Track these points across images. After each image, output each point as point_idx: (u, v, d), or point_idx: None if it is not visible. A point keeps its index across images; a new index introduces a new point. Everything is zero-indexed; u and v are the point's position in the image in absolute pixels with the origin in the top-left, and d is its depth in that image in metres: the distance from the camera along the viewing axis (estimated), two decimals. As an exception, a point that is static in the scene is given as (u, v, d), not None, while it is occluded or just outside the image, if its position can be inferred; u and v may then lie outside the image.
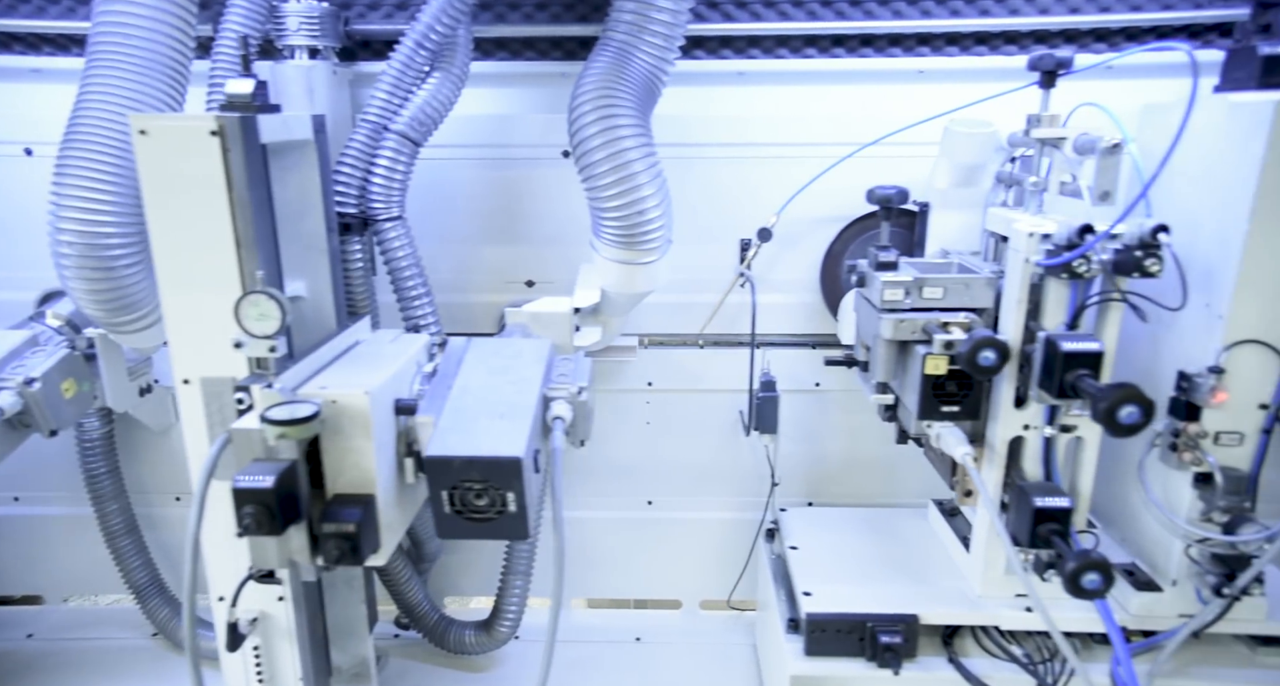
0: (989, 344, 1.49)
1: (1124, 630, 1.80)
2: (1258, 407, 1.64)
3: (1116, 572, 1.85)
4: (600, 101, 1.97)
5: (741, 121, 2.32)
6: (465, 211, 2.42)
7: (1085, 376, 1.45)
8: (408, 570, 2.36)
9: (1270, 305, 1.57)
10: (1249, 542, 1.60)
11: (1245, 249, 1.55)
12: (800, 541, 2.18)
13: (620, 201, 1.99)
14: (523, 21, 2.27)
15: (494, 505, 1.65)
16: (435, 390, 1.79)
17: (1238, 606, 1.76)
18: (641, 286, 2.15)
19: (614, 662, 2.49)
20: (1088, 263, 1.52)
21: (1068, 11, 2.19)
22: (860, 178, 2.21)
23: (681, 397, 2.53)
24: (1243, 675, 1.80)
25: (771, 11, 2.24)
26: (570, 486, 2.64)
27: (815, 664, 1.84)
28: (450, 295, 2.45)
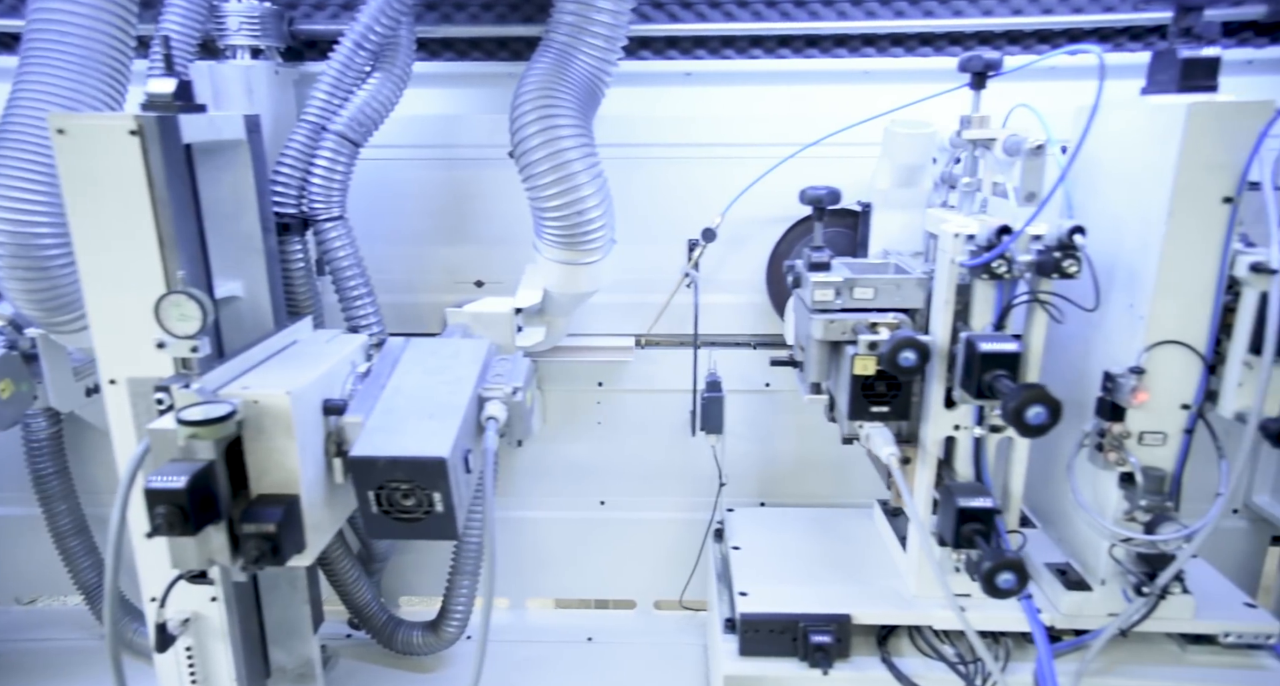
0: (909, 344, 1.50)
1: (1052, 629, 1.81)
2: (1180, 408, 1.65)
3: (1051, 572, 1.88)
4: (540, 103, 1.97)
5: (688, 122, 2.32)
6: (414, 212, 2.42)
7: (1002, 377, 1.46)
8: (355, 570, 2.35)
9: (1189, 306, 1.58)
10: (1169, 541, 1.61)
11: (1163, 250, 1.56)
12: (743, 541, 2.19)
13: (560, 201, 2.00)
14: (469, 22, 2.27)
15: (421, 505, 1.65)
16: (367, 390, 1.79)
17: (1166, 605, 1.78)
18: (585, 286, 2.16)
19: (564, 662, 2.50)
20: (1007, 264, 1.52)
21: (1011, 13, 2.20)
22: (807, 178, 2.21)
23: (633, 398, 2.53)
24: (1171, 673, 1.81)
25: (717, 12, 2.25)
26: (523, 487, 2.65)
27: (749, 664, 1.84)
28: (400, 295, 2.45)
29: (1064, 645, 1.80)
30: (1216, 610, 1.83)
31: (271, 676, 2.14)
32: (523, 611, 2.77)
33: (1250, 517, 2.49)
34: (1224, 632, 1.80)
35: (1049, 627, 1.79)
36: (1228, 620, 1.81)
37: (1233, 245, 1.54)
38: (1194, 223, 1.54)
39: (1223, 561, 2.53)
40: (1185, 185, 1.52)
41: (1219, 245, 1.54)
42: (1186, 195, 1.52)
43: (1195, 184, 1.52)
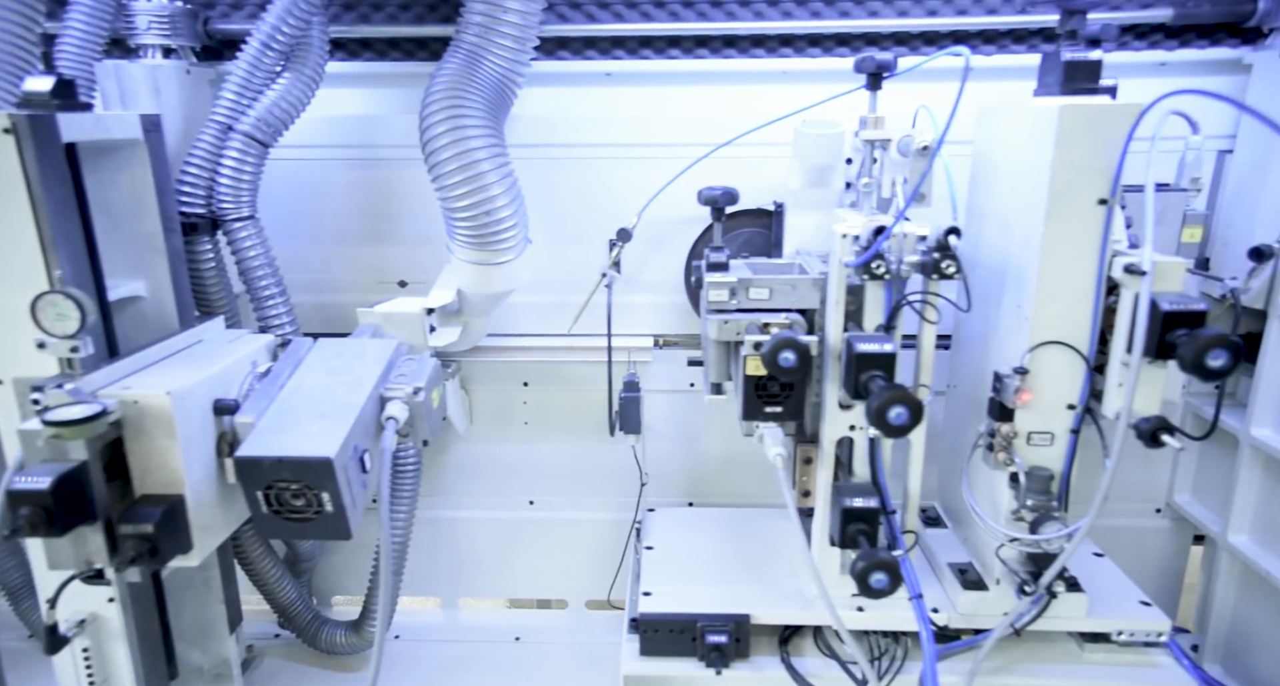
0: (788, 345, 1.50)
1: (947, 629, 1.82)
2: (1066, 408, 1.65)
3: (953, 571, 1.89)
4: (448, 104, 1.97)
5: (609, 122, 2.33)
6: (336, 212, 2.41)
7: (876, 377, 1.46)
8: (277, 570, 2.35)
9: (1070, 307, 1.59)
10: (1052, 541, 1.62)
11: (1043, 252, 1.57)
12: (658, 541, 2.19)
13: (469, 202, 2.00)
14: (386, 22, 2.27)
15: (311, 505, 1.65)
16: (264, 390, 1.79)
17: (1060, 604, 1.79)
18: (499, 286, 2.16)
19: (489, 662, 2.50)
20: (886, 264, 1.53)
21: (926, 14, 2.21)
22: (727, 177, 2.22)
23: (559, 397, 2.53)
24: (1068, 671, 1.81)
25: (634, 12, 2.25)
26: (453, 487, 2.65)
27: (648, 663, 1.85)
28: (324, 295, 2.45)
29: (958, 644, 1.80)
30: (1111, 609, 1.84)
31: (184, 676, 2.14)
32: (455, 611, 2.77)
33: (1172, 517, 2.51)
34: (1117, 631, 1.81)
35: (943, 627, 1.80)
36: (1121, 618, 1.82)
37: (1111, 246, 1.55)
38: (1071, 224, 1.54)
39: (1146, 561, 2.56)
40: (1061, 187, 1.52)
41: (1096, 247, 1.55)
42: (1062, 197, 1.53)
43: (1070, 185, 1.52)
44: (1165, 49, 2.19)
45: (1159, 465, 2.48)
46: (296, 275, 2.45)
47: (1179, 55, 2.18)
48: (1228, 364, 1.36)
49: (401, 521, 2.43)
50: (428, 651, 2.55)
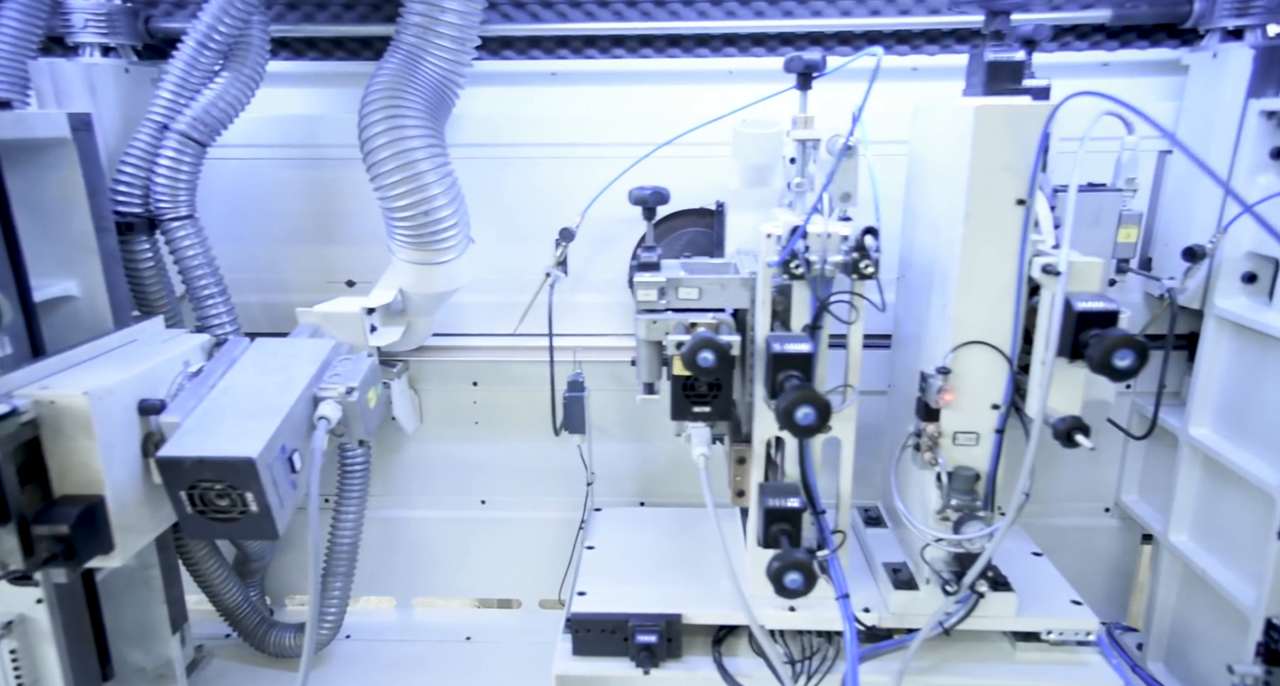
0: (706, 345, 1.51)
1: (876, 629, 1.83)
2: (991, 408, 1.66)
3: (887, 571, 1.89)
4: (386, 103, 1.97)
5: (556, 121, 2.32)
6: (284, 211, 2.41)
7: (793, 377, 1.46)
8: (222, 571, 2.34)
9: (992, 307, 1.59)
10: (974, 540, 1.62)
11: (963, 252, 1.57)
12: (600, 541, 2.19)
13: (408, 201, 2.00)
14: (330, 21, 2.26)
15: (236, 505, 1.65)
16: (193, 390, 1.78)
17: (989, 603, 1.79)
18: (441, 286, 2.16)
19: (438, 662, 2.49)
20: (806, 264, 1.53)
21: (869, 14, 2.21)
22: (670, 176, 2.23)
23: (508, 397, 2.53)
24: (999, 670, 1.82)
25: (578, 12, 2.24)
26: (405, 486, 2.65)
27: (580, 663, 1.85)
28: (272, 295, 2.45)
29: (887, 644, 1.81)
30: (1042, 608, 1.84)
31: (126, 677, 2.13)
32: (409, 611, 2.77)
33: (1121, 516, 2.51)
34: (1046, 629, 1.82)
35: (871, 627, 1.80)
36: (1050, 618, 1.82)
37: (1031, 246, 1.55)
38: (990, 224, 1.55)
39: (1096, 560, 2.57)
40: (979, 187, 1.53)
41: (1016, 247, 1.55)
42: (981, 197, 1.53)
43: (989, 186, 1.53)
44: (1106, 49, 2.19)
45: (1107, 464, 2.49)
46: (244, 275, 2.46)
47: (1120, 56, 2.18)
48: (1134, 364, 1.36)
49: (351, 521, 2.43)
50: (378, 651, 2.54)
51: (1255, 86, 1.87)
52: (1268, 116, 1.84)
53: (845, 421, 1.75)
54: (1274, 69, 1.85)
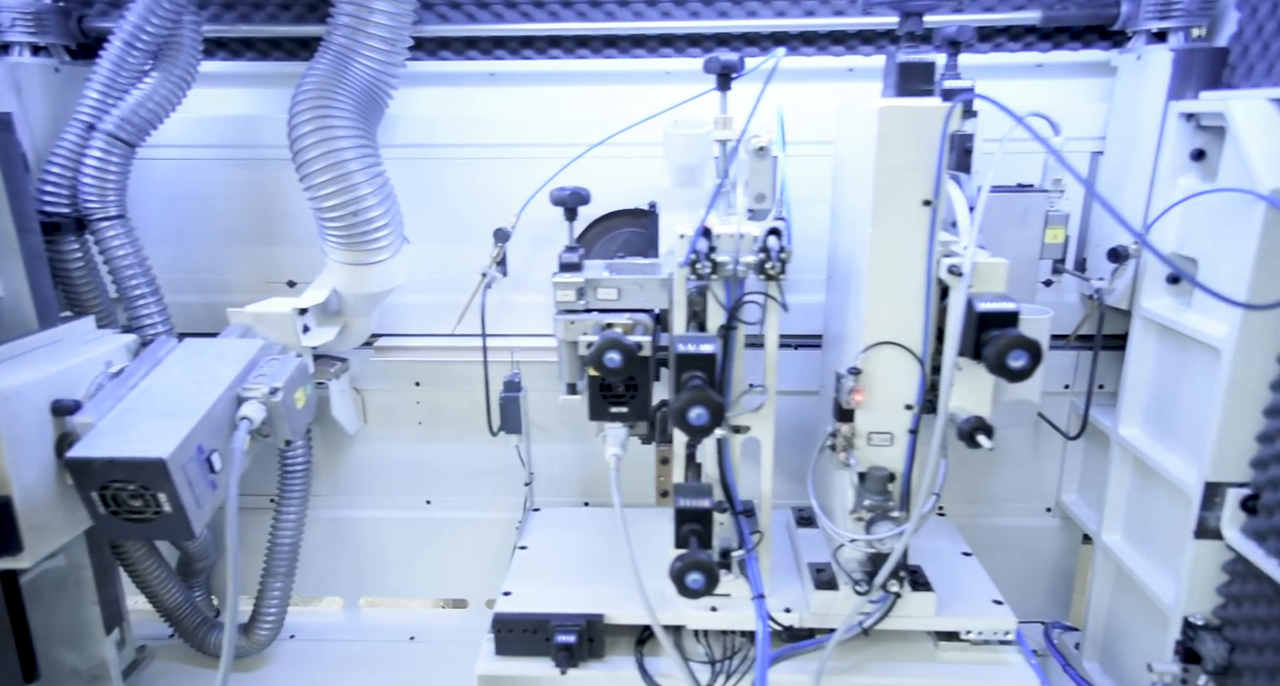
0: (613, 346, 1.51)
1: (793, 629, 1.83)
2: (904, 408, 1.66)
3: (811, 571, 1.89)
4: (315, 104, 1.97)
5: (495, 122, 2.33)
6: (223, 212, 2.41)
7: (696, 377, 1.47)
8: (161, 571, 2.34)
9: (902, 307, 1.60)
10: (884, 540, 1.63)
11: (871, 252, 1.58)
12: (534, 541, 2.19)
13: (337, 201, 2.00)
14: (267, 21, 2.26)
15: (149, 506, 1.65)
16: (112, 390, 1.78)
17: (909, 603, 1.80)
18: (375, 286, 2.16)
19: (380, 662, 2.49)
20: (710, 264, 1.53)
21: (804, 14, 2.21)
22: (609, 177, 2.24)
23: (451, 397, 2.53)
24: (919, 669, 1.82)
25: (514, 12, 2.24)
26: (351, 486, 2.65)
27: (503, 663, 1.85)
28: (211, 295, 2.45)
29: (805, 644, 1.81)
30: (962, 608, 1.85)
31: (58, 678, 2.13)
32: (356, 611, 2.77)
33: (1061, 516, 2.52)
34: (965, 629, 1.82)
35: (788, 627, 1.81)
36: (969, 617, 1.83)
37: (940, 247, 1.55)
38: (897, 225, 1.55)
39: (1038, 559, 2.58)
40: (885, 187, 1.53)
41: (924, 247, 1.55)
42: (888, 197, 1.54)
43: (895, 186, 1.53)
44: (1040, 51, 2.20)
45: (1048, 464, 2.50)
46: (185, 275, 2.46)
47: (1052, 57, 2.19)
48: (1027, 365, 1.36)
49: (291, 521, 2.43)
50: (321, 651, 2.54)
51: (1175, 88, 1.88)
52: (1186, 118, 1.85)
53: (764, 422, 1.76)
54: (1192, 72, 1.86)
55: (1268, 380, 1.64)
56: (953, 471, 2.53)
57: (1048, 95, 2.21)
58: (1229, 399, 1.68)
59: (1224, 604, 1.79)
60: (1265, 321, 1.61)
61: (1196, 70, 1.86)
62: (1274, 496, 1.63)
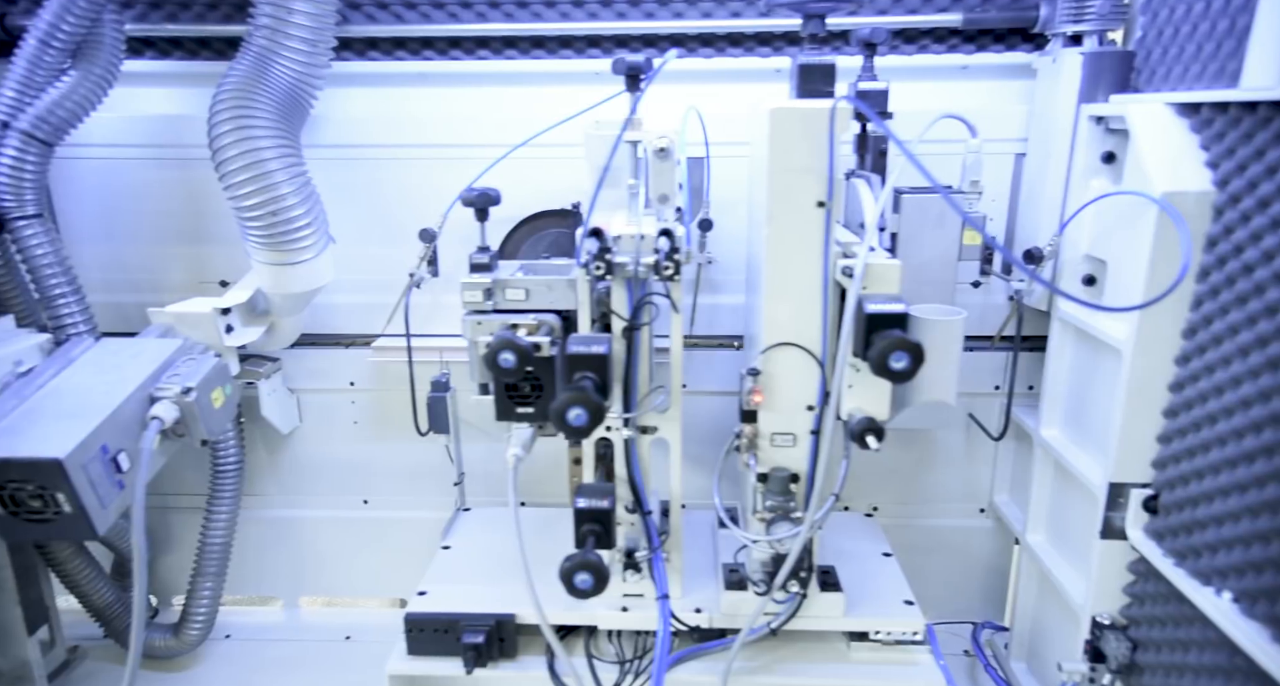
0: (506, 346, 1.51)
1: (694, 628, 1.83)
2: (806, 409, 1.67)
3: (725, 572, 1.90)
4: (234, 104, 1.97)
5: (427, 122, 2.33)
6: (155, 212, 2.40)
7: (586, 378, 1.47)
8: (89, 571, 2.33)
9: (800, 308, 1.60)
10: (783, 541, 1.63)
11: (769, 252, 1.58)
12: (459, 541, 2.19)
13: (256, 201, 2.00)
14: (194, 21, 2.25)
15: (49, 506, 1.65)
16: (17, 390, 1.78)
17: (818, 604, 1.80)
18: (300, 286, 2.15)
19: (313, 661, 2.49)
20: (605, 265, 1.53)
21: (729, 16, 2.21)
22: (535, 178, 2.24)
23: (385, 397, 2.53)
24: (827, 670, 1.83)
25: (441, 13, 2.24)
26: (288, 485, 2.64)
27: (415, 663, 1.85)
28: (144, 295, 2.43)
29: (713, 644, 1.82)
30: (872, 608, 1.85)
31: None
32: (295, 610, 2.76)
33: (994, 517, 2.53)
34: (874, 630, 1.83)
35: (694, 627, 1.81)
36: (879, 617, 1.83)
37: (836, 248, 1.56)
38: (792, 226, 1.55)
39: (972, 560, 2.59)
40: (780, 188, 1.54)
41: (820, 248, 1.56)
42: (782, 198, 1.54)
43: (790, 187, 1.54)
44: (964, 53, 2.20)
45: (981, 466, 2.51)
46: (117, 275, 2.46)
47: (977, 59, 2.20)
48: (909, 367, 1.37)
49: (222, 521, 2.42)
50: (255, 651, 2.54)
51: (1086, 91, 1.89)
52: (1096, 121, 1.86)
53: (671, 423, 1.76)
54: (1102, 75, 1.87)
55: (1166, 381, 1.65)
56: (887, 472, 2.55)
57: (973, 97, 2.22)
58: (1130, 400, 1.69)
59: (1130, 603, 1.80)
60: (1162, 323, 1.62)
61: (1106, 73, 1.87)
62: (1172, 497, 1.64)
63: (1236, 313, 1.45)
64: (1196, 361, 1.57)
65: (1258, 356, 1.39)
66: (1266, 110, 1.36)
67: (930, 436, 2.50)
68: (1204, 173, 1.54)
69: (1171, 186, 1.54)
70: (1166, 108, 1.63)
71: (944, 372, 1.85)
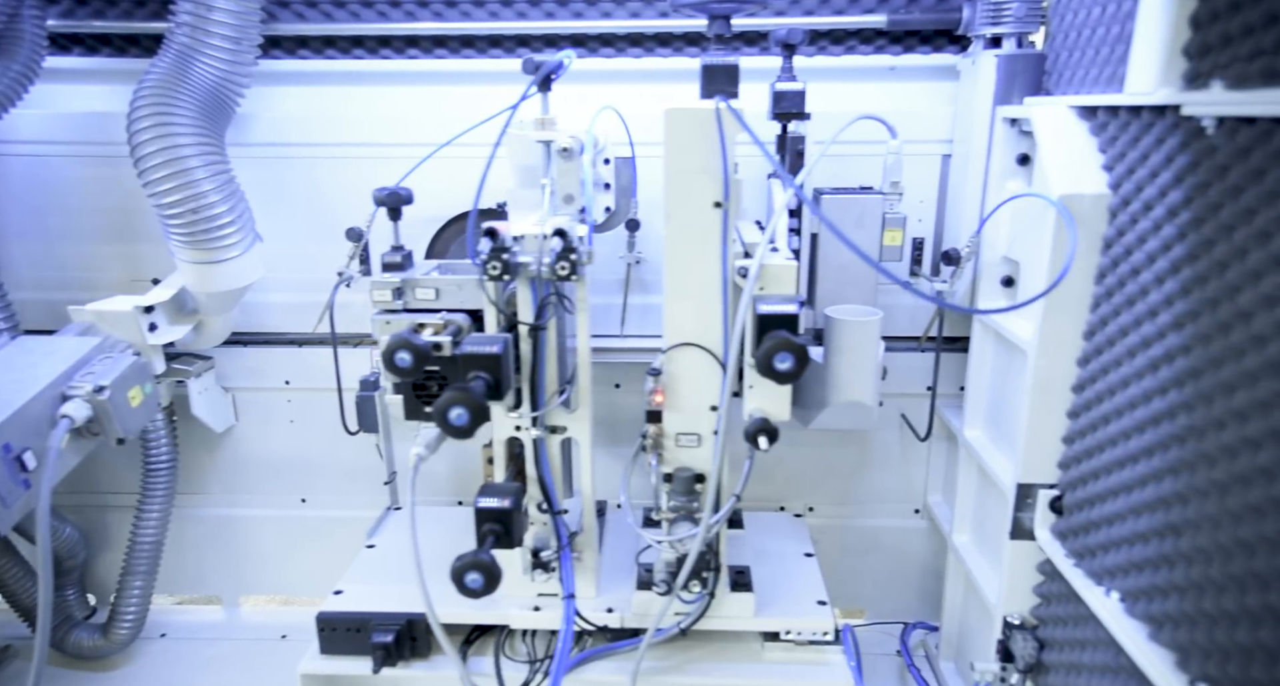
0: (402, 346, 1.50)
1: (601, 628, 1.84)
2: (710, 409, 1.67)
3: (641, 571, 1.89)
4: (154, 102, 1.97)
5: (356, 121, 2.32)
6: (87, 209, 2.40)
7: (478, 378, 1.47)
8: (16, 570, 2.33)
9: (700, 309, 1.60)
10: (684, 541, 1.63)
11: (667, 253, 1.58)
12: (385, 541, 2.19)
13: (175, 198, 2.00)
14: (122, 17, 2.25)
15: (-51, 504, 1.63)
16: (-77, 388, 1.77)
17: (729, 604, 1.81)
18: (226, 284, 2.15)
19: (245, 660, 2.48)
20: (501, 265, 1.53)
21: (658, 16, 2.21)
22: (464, 176, 2.23)
23: (320, 396, 2.52)
24: (738, 669, 1.83)
25: (370, 11, 2.24)
26: (224, 484, 2.64)
27: (326, 662, 1.85)
28: (76, 293, 2.41)
29: (622, 644, 1.82)
30: (784, 608, 1.86)
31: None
32: (235, 609, 2.76)
33: (929, 517, 2.54)
34: (785, 630, 1.83)
35: (603, 626, 1.81)
36: (789, 618, 1.84)
37: (734, 248, 1.56)
38: (690, 226, 1.56)
39: (909, 560, 2.60)
40: (677, 189, 1.54)
41: (718, 249, 1.56)
42: (679, 199, 1.54)
43: (687, 188, 1.54)
44: (892, 54, 2.21)
45: (916, 467, 2.51)
46: (49, 273, 2.45)
47: (905, 60, 2.20)
48: (793, 368, 1.37)
49: (154, 519, 2.42)
50: (188, 650, 2.53)
51: (1001, 93, 1.89)
52: (1010, 123, 1.86)
53: (579, 422, 1.76)
54: (1016, 77, 1.87)
55: (1070, 382, 1.66)
56: (824, 472, 2.55)
57: (901, 98, 2.23)
58: (1034, 400, 1.69)
59: (1040, 604, 1.80)
60: (1064, 325, 1.62)
61: (1020, 76, 1.88)
62: (1074, 497, 1.65)
63: (1126, 315, 1.46)
64: (1095, 363, 1.57)
65: (1142, 358, 1.40)
66: (1149, 114, 1.37)
67: (866, 437, 2.51)
68: (1101, 175, 1.55)
69: (1069, 189, 1.54)
70: (1069, 110, 1.64)
71: (861, 373, 1.86)
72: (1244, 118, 1.11)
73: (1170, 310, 1.32)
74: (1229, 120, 1.15)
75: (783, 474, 2.52)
